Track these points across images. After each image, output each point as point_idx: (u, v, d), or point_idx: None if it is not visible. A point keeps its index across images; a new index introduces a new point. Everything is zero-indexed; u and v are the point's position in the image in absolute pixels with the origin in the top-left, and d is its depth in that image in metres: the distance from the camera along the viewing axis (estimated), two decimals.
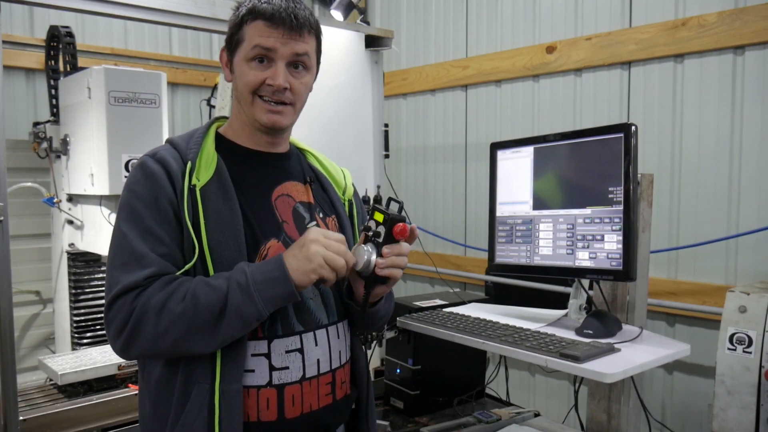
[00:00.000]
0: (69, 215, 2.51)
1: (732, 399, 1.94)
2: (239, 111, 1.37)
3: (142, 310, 1.18)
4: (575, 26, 3.00)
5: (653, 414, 2.02)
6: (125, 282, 1.20)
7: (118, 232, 1.26)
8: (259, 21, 1.30)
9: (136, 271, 1.20)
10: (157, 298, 1.19)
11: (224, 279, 1.20)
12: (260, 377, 1.27)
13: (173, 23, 2.24)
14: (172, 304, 1.18)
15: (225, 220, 1.26)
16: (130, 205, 1.26)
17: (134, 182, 1.28)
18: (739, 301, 1.98)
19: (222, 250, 1.25)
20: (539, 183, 1.77)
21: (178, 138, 1.36)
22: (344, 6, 2.95)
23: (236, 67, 1.34)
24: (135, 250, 1.22)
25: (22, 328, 2.96)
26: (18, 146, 2.71)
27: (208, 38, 3.96)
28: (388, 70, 3.55)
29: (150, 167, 1.27)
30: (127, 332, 1.19)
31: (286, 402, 1.28)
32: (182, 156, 1.30)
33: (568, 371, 1.42)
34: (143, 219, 1.24)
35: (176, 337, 1.19)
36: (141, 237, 1.23)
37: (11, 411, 1.90)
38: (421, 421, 2.16)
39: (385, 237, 1.27)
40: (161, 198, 1.25)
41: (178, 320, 1.18)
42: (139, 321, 1.18)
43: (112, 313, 1.20)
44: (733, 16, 2.42)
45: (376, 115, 2.73)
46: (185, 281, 1.21)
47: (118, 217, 1.28)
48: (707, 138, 2.56)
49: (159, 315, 1.18)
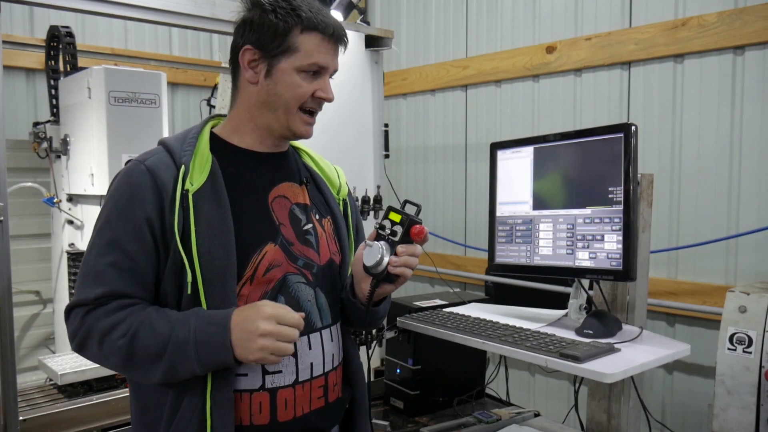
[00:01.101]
0: (69, 215, 2.51)
1: (732, 399, 1.94)
2: (257, 114, 1.32)
3: (87, 330, 1.21)
4: (575, 26, 3.00)
5: (653, 414, 2.02)
6: (78, 297, 1.23)
7: (90, 241, 1.26)
8: (316, 34, 1.29)
9: (90, 288, 1.21)
10: (103, 324, 1.19)
11: (168, 327, 1.18)
12: (253, 381, 1.26)
13: (173, 23, 2.24)
14: (114, 336, 1.19)
15: (215, 227, 1.23)
16: (106, 212, 1.25)
17: (116, 189, 1.26)
18: (739, 301, 1.98)
19: (212, 259, 1.22)
20: (539, 183, 1.77)
21: (172, 140, 1.32)
22: (344, 6, 2.95)
23: (281, 75, 1.28)
24: (94, 264, 1.22)
25: (22, 328, 2.96)
26: (18, 146, 2.71)
27: (208, 38, 3.96)
28: (388, 70, 3.55)
29: (136, 176, 1.24)
30: (76, 344, 1.24)
31: (278, 406, 1.28)
32: (175, 160, 1.26)
33: (568, 371, 1.42)
34: (114, 230, 1.23)
35: (116, 366, 1.25)
36: (107, 249, 1.22)
37: (11, 411, 1.90)
38: (421, 421, 2.16)
39: (401, 237, 1.29)
40: (138, 212, 1.22)
41: (117, 352, 1.20)
42: (84, 339, 1.22)
43: (68, 320, 1.25)
44: (733, 16, 2.42)
45: (376, 115, 2.72)
46: (134, 313, 1.20)
47: (96, 221, 1.27)
48: (707, 138, 2.56)
49: (101, 342, 1.20)
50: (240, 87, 1.34)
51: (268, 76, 1.29)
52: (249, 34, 1.29)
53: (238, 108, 1.35)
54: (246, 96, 1.33)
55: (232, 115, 1.36)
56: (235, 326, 1.18)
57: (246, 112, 1.33)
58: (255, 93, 1.31)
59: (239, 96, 1.34)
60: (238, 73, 1.33)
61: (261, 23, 1.28)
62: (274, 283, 1.29)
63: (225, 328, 1.17)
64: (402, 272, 1.30)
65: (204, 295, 1.21)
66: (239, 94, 1.34)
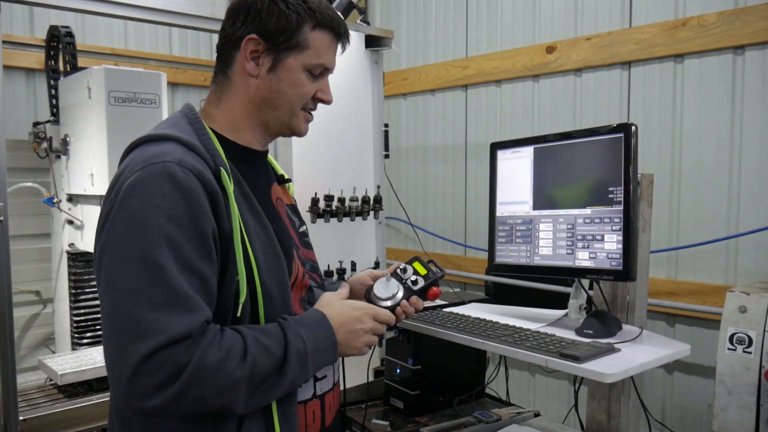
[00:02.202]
0: (69, 215, 2.51)
1: (732, 399, 1.94)
2: (254, 111, 1.21)
3: (196, 369, 0.98)
4: (575, 26, 3.00)
5: (653, 414, 2.02)
6: (175, 330, 0.97)
7: (144, 259, 0.99)
8: (328, 33, 1.21)
9: (183, 316, 0.98)
10: (214, 356, 0.99)
11: (277, 342, 1.07)
12: (306, 391, 1.23)
13: (173, 23, 2.24)
14: (230, 366, 1.00)
15: (261, 235, 1.14)
16: (162, 227, 1.00)
17: (161, 196, 1.02)
18: (739, 301, 1.98)
19: (269, 269, 1.13)
20: (539, 183, 1.77)
21: (180, 134, 1.13)
22: (344, 6, 2.95)
23: (287, 71, 1.18)
24: (177, 288, 0.99)
25: (22, 328, 2.95)
26: (18, 146, 2.71)
27: (208, 38, 3.96)
28: (388, 70, 3.55)
29: (182, 179, 1.03)
30: (173, 391, 0.97)
31: (326, 410, 1.28)
32: (206, 161, 1.10)
33: (568, 371, 1.42)
34: (181, 248, 1.01)
35: (225, 402, 1.02)
36: (181, 272, 1.00)
37: (11, 411, 1.90)
38: (421, 421, 2.16)
39: (420, 289, 1.34)
40: (203, 222, 1.04)
41: (235, 385, 1.01)
42: (190, 382, 0.97)
43: (149, 367, 0.96)
44: (733, 16, 2.42)
45: (376, 115, 2.73)
46: (234, 336, 1.04)
47: (140, 238, 1.00)
48: (707, 138, 2.56)
49: (215, 377, 0.99)
50: (234, 78, 1.21)
51: (272, 70, 1.18)
52: (254, 22, 1.17)
53: (232, 102, 1.22)
54: (242, 89, 1.21)
55: (224, 109, 1.22)
56: (340, 326, 1.16)
57: (242, 107, 1.21)
58: (254, 87, 1.20)
59: (233, 88, 1.21)
60: (232, 62, 1.20)
61: (270, 11, 1.16)
62: (307, 288, 1.29)
63: (331, 330, 1.15)
64: (403, 318, 1.32)
65: (263, 311, 1.12)
66: (233, 86, 1.21)
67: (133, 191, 1.03)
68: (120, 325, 0.98)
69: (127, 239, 1.01)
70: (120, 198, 1.04)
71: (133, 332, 0.97)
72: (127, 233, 1.01)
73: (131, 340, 0.97)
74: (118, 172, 1.10)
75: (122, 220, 1.02)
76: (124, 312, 0.99)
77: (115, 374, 0.99)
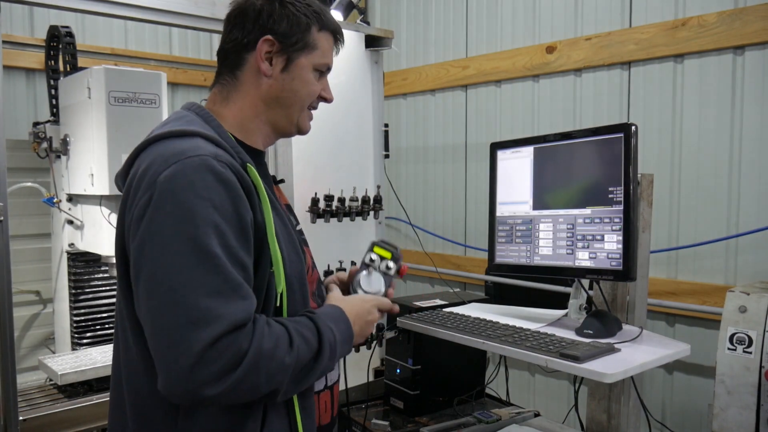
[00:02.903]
0: (69, 215, 2.51)
1: (732, 399, 1.94)
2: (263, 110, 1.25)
3: (255, 356, 1.01)
4: (575, 26, 3.00)
5: (653, 414, 2.02)
6: (234, 317, 0.99)
7: (199, 249, 1.00)
8: (330, 35, 1.28)
9: (239, 303, 1.02)
10: (268, 344, 1.03)
11: (312, 333, 1.12)
12: (320, 382, 1.31)
13: (173, 23, 2.24)
14: (280, 354, 1.04)
15: (282, 230, 1.18)
16: (210, 216, 1.02)
17: (205, 188, 1.04)
18: (739, 301, 1.98)
19: (291, 263, 1.18)
20: (539, 183, 1.77)
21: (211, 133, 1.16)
22: (344, 6, 2.95)
23: (299, 70, 1.24)
24: (231, 275, 1.02)
25: (22, 328, 2.95)
26: (18, 146, 2.70)
27: (208, 38, 3.96)
28: (388, 70, 3.55)
29: (221, 172, 1.06)
30: (234, 379, 0.99)
31: (334, 400, 1.35)
32: (230, 154, 1.14)
33: (568, 371, 1.42)
34: (226, 237, 1.03)
35: (274, 389, 1.06)
36: (230, 261, 1.03)
37: (11, 411, 1.90)
38: (421, 421, 2.16)
39: (395, 272, 1.42)
40: (244, 214, 1.08)
41: (284, 372, 1.05)
42: (250, 369, 1.00)
43: (211, 354, 0.97)
44: (733, 17, 2.42)
45: (376, 115, 2.72)
46: (279, 326, 1.09)
47: (191, 228, 1.01)
48: (707, 138, 2.56)
49: (269, 364, 1.03)
50: (244, 79, 1.24)
51: (284, 70, 1.23)
52: (267, 25, 1.21)
53: (241, 101, 1.24)
54: (253, 89, 1.24)
55: (232, 109, 1.25)
56: (355, 319, 1.24)
57: (252, 107, 1.25)
58: (266, 87, 1.23)
59: (242, 88, 1.24)
60: (242, 63, 1.24)
61: (282, 15, 1.22)
62: (315, 284, 1.36)
63: (349, 323, 1.22)
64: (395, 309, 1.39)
65: (287, 299, 1.16)
66: (241, 87, 1.24)
67: (175, 184, 1.04)
68: (176, 315, 0.98)
69: (176, 230, 1.01)
70: (159, 190, 1.04)
71: (193, 321, 0.97)
72: (174, 224, 1.02)
73: (191, 329, 0.97)
74: (144, 166, 1.10)
75: (167, 212, 1.02)
76: (180, 301, 0.99)
77: (173, 366, 0.98)
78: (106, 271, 2.55)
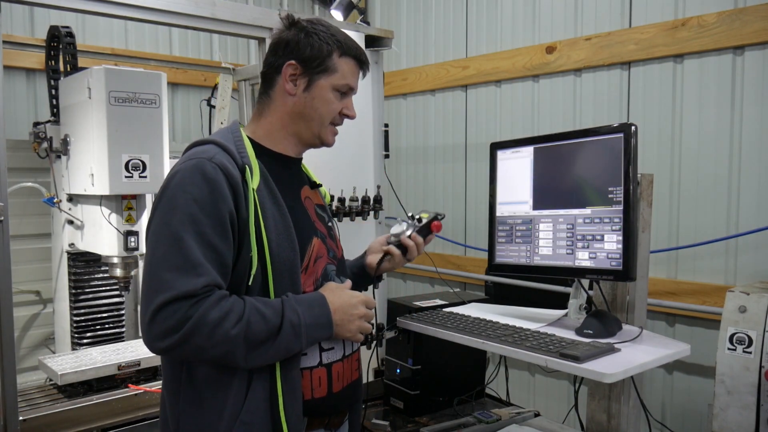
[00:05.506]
0: (69, 215, 2.50)
1: (732, 399, 1.94)
2: (289, 123, 1.47)
3: (197, 322, 1.22)
4: (575, 26, 3.00)
5: (653, 414, 2.02)
6: (182, 288, 1.22)
7: (171, 234, 1.26)
8: (352, 61, 1.48)
9: (192, 278, 1.23)
10: (214, 314, 1.23)
11: (275, 312, 1.29)
12: (312, 359, 1.42)
13: (173, 23, 2.24)
14: (227, 325, 1.23)
15: (279, 223, 1.37)
16: (188, 208, 1.27)
17: (191, 185, 1.29)
18: (739, 301, 1.98)
19: (280, 251, 1.35)
20: (539, 183, 1.77)
21: (223, 140, 1.39)
22: (344, 6, 2.95)
23: (319, 90, 1.45)
24: (191, 255, 1.24)
25: (22, 328, 2.95)
26: (18, 146, 2.70)
27: (208, 38, 3.96)
28: (388, 70, 3.55)
29: (209, 172, 1.30)
30: (177, 338, 1.22)
31: (333, 378, 1.45)
32: (236, 160, 1.35)
33: (568, 371, 1.42)
34: (201, 225, 1.26)
35: (222, 354, 1.26)
36: (197, 243, 1.25)
37: (11, 411, 1.90)
38: (421, 421, 2.16)
39: (424, 225, 1.70)
40: (222, 207, 1.29)
41: (229, 341, 1.24)
42: (192, 332, 1.22)
43: (161, 315, 1.22)
44: (733, 17, 2.43)
45: (376, 115, 2.72)
46: (237, 302, 1.27)
47: (171, 217, 1.28)
48: (707, 138, 2.56)
49: (212, 332, 1.23)
50: (275, 97, 1.48)
51: (307, 89, 1.45)
52: (293, 52, 1.44)
53: (272, 116, 1.48)
54: (281, 105, 1.47)
55: (263, 122, 1.49)
56: (337, 308, 1.38)
57: (279, 120, 1.48)
58: (291, 104, 1.46)
59: (272, 105, 1.48)
60: (274, 84, 1.47)
61: (306, 43, 1.43)
62: (320, 272, 1.47)
63: (326, 309, 1.37)
64: (410, 245, 1.67)
65: (273, 286, 1.34)
66: (272, 103, 1.48)
67: (173, 181, 1.32)
68: (147, 284, 1.26)
69: (162, 218, 1.29)
70: (163, 187, 1.34)
71: (154, 288, 1.24)
72: (162, 213, 1.30)
73: (152, 294, 1.24)
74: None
75: (161, 204, 1.31)
76: (151, 272, 1.27)
77: (141, 321, 1.26)
78: (106, 271, 2.54)
